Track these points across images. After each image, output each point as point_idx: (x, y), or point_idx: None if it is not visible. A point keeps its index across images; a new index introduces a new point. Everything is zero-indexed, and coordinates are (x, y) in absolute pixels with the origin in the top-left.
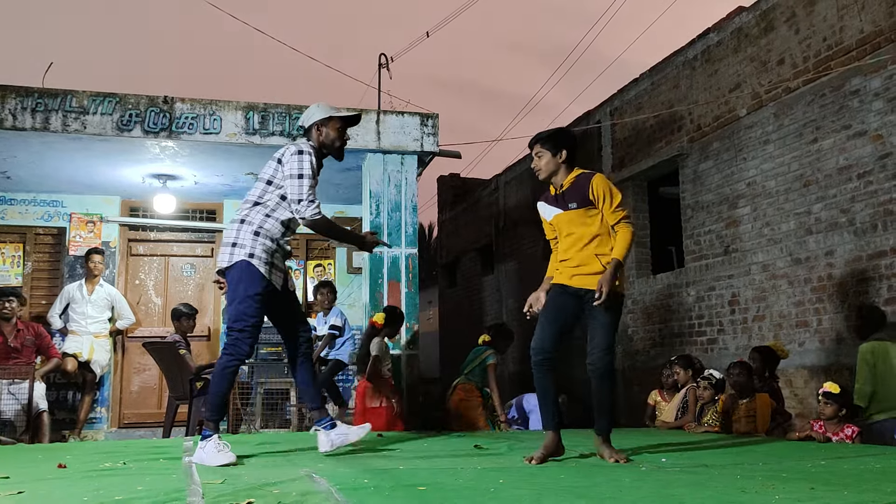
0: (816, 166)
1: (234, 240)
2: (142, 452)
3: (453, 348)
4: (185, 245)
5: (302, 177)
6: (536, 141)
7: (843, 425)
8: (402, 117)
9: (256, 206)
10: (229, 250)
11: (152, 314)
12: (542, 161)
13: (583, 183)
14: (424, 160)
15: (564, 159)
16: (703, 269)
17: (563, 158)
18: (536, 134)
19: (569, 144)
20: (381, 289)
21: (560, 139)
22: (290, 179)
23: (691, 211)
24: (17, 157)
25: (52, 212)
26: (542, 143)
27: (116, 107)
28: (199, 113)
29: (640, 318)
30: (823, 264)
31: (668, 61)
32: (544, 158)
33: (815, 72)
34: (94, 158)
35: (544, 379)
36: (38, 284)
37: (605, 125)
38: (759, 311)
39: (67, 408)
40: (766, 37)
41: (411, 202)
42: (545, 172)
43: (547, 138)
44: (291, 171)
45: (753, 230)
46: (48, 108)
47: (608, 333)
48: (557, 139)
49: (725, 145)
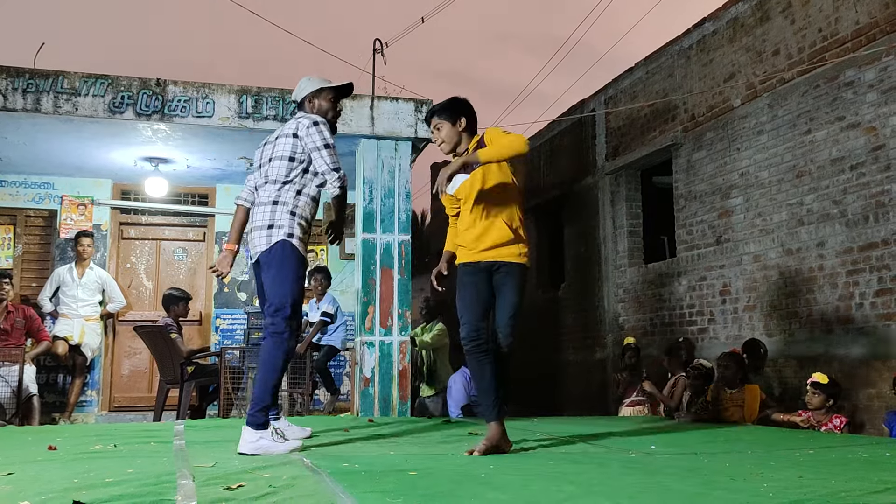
0: (809, 157)
1: (269, 222)
2: (132, 436)
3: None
4: (177, 229)
5: (328, 146)
6: (433, 114)
7: (831, 415)
8: (397, 103)
9: (286, 185)
10: (265, 233)
11: (143, 298)
12: (442, 133)
13: (482, 142)
14: (418, 147)
15: (464, 127)
16: (695, 258)
17: (462, 126)
18: (430, 107)
19: (467, 111)
20: (373, 275)
21: (457, 107)
22: (316, 151)
23: (684, 201)
24: (8, 138)
25: (44, 194)
26: (439, 114)
27: (108, 89)
28: (192, 96)
29: (632, 307)
30: (815, 255)
31: (663, 50)
32: (444, 129)
33: (809, 63)
34: (85, 140)
35: (481, 365)
36: (28, 267)
37: (600, 114)
38: (750, 301)
39: (57, 391)
40: (761, 27)
41: (405, 189)
42: (448, 143)
43: (442, 109)
44: (315, 143)
45: (746, 220)
46: (39, 89)
47: (516, 308)
48: (454, 108)
49: (719, 135)
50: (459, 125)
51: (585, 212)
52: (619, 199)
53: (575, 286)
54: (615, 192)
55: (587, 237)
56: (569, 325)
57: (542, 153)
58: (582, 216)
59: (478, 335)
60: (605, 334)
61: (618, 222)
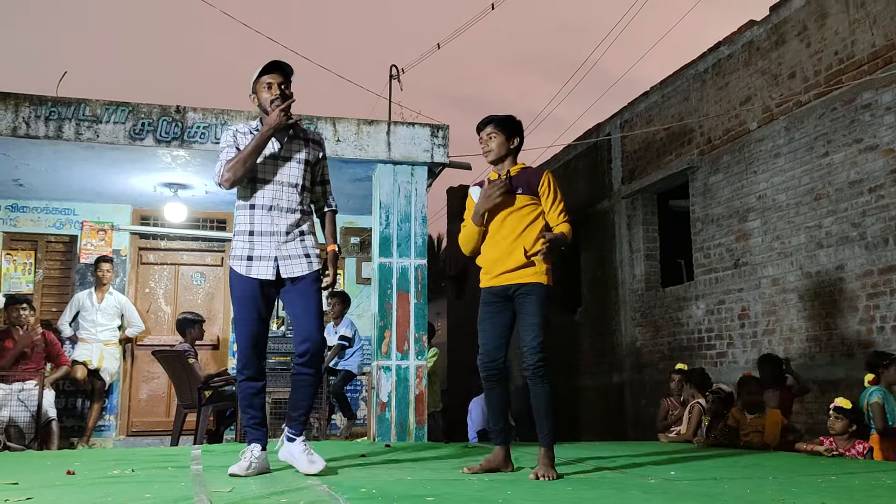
0: (827, 180)
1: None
2: (150, 460)
3: (461, 360)
4: (195, 254)
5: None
6: (490, 122)
7: (854, 441)
8: (413, 128)
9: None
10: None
11: (162, 322)
12: (493, 143)
13: (532, 174)
14: (434, 171)
15: (516, 146)
16: (713, 282)
17: (514, 145)
18: (489, 116)
19: (521, 134)
20: (390, 299)
21: (515, 126)
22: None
23: (701, 224)
24: (30, 164)
25: (64, 220)
26: (497, 124)
27: (129, 116)
28: (211, 122)
29: (649, 331)
30: (834, 278)
31: (678, 74)
32: (497, 140)
33: (826, 85)
34: (106, 167)
35: (495, 391)
36: (48, 292)
37: (615, 138)
38: (769, 325)
39: (76, 415)
40: (777, 50)
41: (421, 213)
42: (496, 154)
43: (502, 121)
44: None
45: (764, 244)
46: (61, 117)
47: (541, 329)
48: (513, 125)
49: (736, 158)
50: (512, 143)
51: (602, 235)
52: (635, 223)
53: (592, 310)
54: (631, 216)
55: (604, 261)
56: (585, 350)
57: (559, 177)
58: (598, 240)
59: (492, 363)
60: (622, 358)
61: (634, 246)
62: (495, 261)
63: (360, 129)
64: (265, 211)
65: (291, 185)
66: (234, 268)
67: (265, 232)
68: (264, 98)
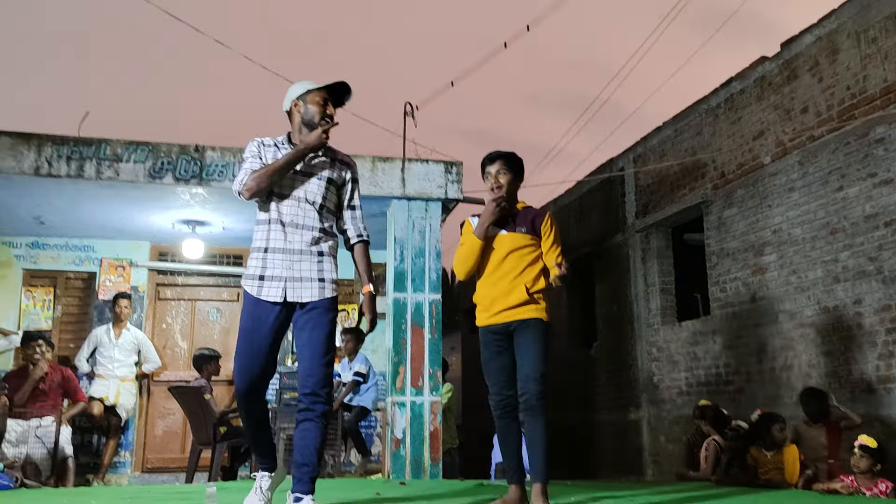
0: (843, 214)
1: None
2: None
3: (476, 393)
4: (211, 289)
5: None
6: (499, 157)
7: (877, 480)
8: (427, 165)
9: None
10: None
11: (178, 358)
12: (504, 179)
13: (535, 214)
14: (448, 207)
15: (518, 187)
16: (730, 316)
17: (518, 187)
18: (498, 151)
19: (523, 177)
20: (404, 335)
21: (522, 168)
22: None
23: (717, 258)
24: (52, 203)
25: (84, 256)
26: (506, 161)
27: (149, 155)
28: (229, 161)
29: (666, 366)
30: (852, 313)
31: (691, 109)
32: (507, 177)
33: (838, 120)
34: (126, 205)
35: (508, 428)
36: (66, 328)
37: (629, 172)
38: (788, 361)
39: (92, 452)
40: (789, 85)
41: (435, 248)
42: (505, 190)
43: (512, 160)
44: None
45: (780, 278)
46: (83, 156)
47: (541, 361)
48: (521, 167)
49: (750, 192)
50: (518, 184)
51: (616, 269)
52: (650, 257)
53: (607, 345)
54: (646, 250)
55: (619, 295)
56: (602, 385)
57: (572, 211)
58: (613, 274)
59: (505, 399)
60: (639, 394)
61: (649, 280)
62: (494, 299)
63: (374, 166)
64: (280, 227)
65: (310, 203)
66: (247, 288)
67: (278, 248)
68: (313, 112)
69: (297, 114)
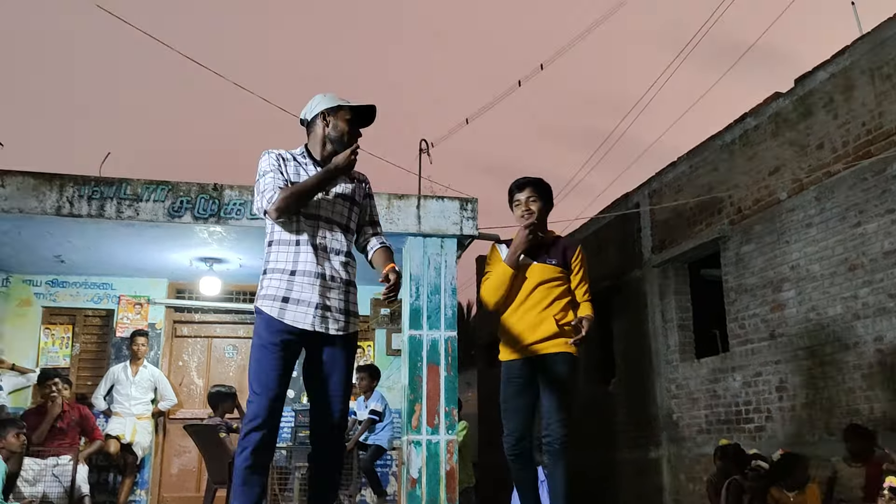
0: (861, 250)
1: (350, 306)
2: None
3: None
4: (227, 326)
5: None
6: (529, 184)
7: None
8: (442, 202)
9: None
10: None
11: (194, 396)
12: (535, 206)
13: (566, 245)
14: (464, 243)
15: (547, 215)
16: (749, 353)
17: (547, 214)
18: (526, 177)
19: (553, 204)
20: (420, 372)
21: (551, 194)
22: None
23: (734, 294)
24: (72, 242)
25: (102, 294)
26: (537, 187)
27: (168, 194)
28: (247, 199)
29: (685, 404)
30: (873, 350)
31: (705, 145)
32: (537, 204)
33: (854, 156)
34: (144, 243)
35: (524, 471)
36: (84, 366)
37: (644, 209)
38: (808, 398)
39: (108, 490)
40: (804, 121)
41: (451, 285)
42: (536, 218)
43: (543, 188)
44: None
45: (799, 314)
46: (104, 196)
47: (568, 403)
48: (550, 193)
49: (767, 228)
50: (547, 212)
51: (634, 305)
52: (667, 293)
53: (626, 381)
54: (663, 286)
55: (636, 331)
56: (621, 422)
57: (589, 246)
58: (630, 309)
59: (521, 446)
60: (658, 432)
61: (667, 316)
62: (521, 332)
63: (390, 203)
64: (311, 249)
65: (340, 225)
66: (264, 309)
67: (309, 272)
68: (342, 130)
69: (323, 127)
